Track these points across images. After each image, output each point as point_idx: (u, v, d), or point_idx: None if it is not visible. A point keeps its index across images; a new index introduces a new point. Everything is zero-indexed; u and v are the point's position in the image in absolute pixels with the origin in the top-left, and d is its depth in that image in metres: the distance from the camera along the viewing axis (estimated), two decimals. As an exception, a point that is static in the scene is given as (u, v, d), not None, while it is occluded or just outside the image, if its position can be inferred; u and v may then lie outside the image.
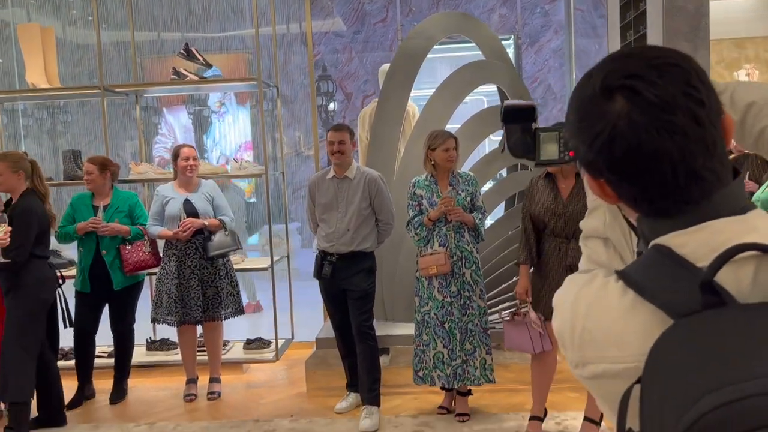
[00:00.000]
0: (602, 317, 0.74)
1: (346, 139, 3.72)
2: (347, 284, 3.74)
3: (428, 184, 3.66)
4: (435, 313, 3.61)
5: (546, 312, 3.27)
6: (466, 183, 3.67)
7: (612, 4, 4.04)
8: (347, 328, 3.82)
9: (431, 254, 3.58)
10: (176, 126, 11.19)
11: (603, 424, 3.43)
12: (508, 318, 3.43)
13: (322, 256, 3.81)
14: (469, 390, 3.76)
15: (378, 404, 3.75)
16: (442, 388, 3.79)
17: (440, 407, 3.81)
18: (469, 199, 3.63)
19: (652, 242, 0.75)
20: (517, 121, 1.06)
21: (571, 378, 4.07)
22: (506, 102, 1.09)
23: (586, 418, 3.42)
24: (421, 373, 3.69)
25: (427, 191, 3.65)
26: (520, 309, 3.38)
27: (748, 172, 5.11)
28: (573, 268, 3.15)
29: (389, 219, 3.84)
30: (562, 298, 0.82)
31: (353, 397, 3.94)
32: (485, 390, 3.97)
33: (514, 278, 4.28)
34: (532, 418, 3.45)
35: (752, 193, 4.82)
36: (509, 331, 3.40)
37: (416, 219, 3.66)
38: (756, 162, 5.15)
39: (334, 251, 3.75)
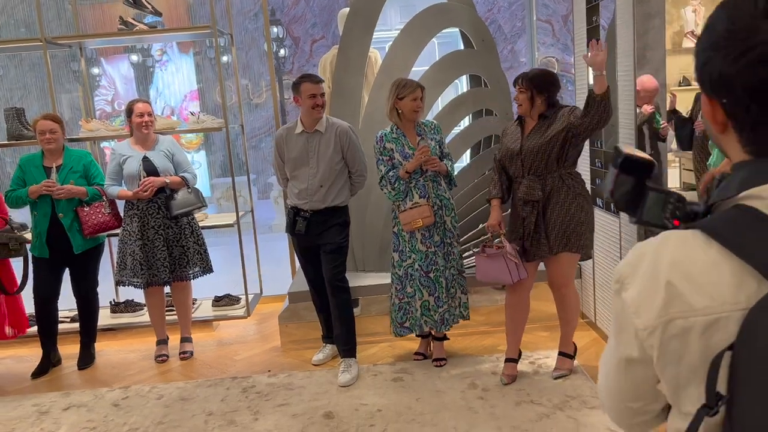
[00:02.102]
0: (689, 270, 0.73)
1: (326, 91, 3.64)
2: (321, 239, 3.70)
3: (396, 137, 3.59)
4: (419, 265, 3.58)
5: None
6: (433, 131, 3.63)
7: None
8: (321, 283, 3.80)
9: (413, 207, 3.52)
10: (117, 77, 10.65)
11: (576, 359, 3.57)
12: (479, 251, 3.42)
13: (295, 212, 3.72)
14: (445, 335, 3.82)
15: (354, 356, 3.78)
16: (421, 335, 3.83)
17: (416, 353, 3.87)
18: (438, 147, 3.60)
19: (743, 194, 0.73)
20: (634, 173, 0.99)
21: (542, 317, 4.20)
22: (626, 150, 1.00)
23: (560, 353, 3.54)
24: (407, 324, 3.68)
25: (397, 144, 3.58)
26: (493, 241, 3.38)
27: (701, 112, 5.26)
28: (527, 203, 3.22)
29: (362, 170, 3.77)
30: (633, 265, 0.79)
31: (329, 349, 3.96)
32: (459, 334, 4.06)
33: (480, 225, 4.32)
34: (507, 360, 3.53)
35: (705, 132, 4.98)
36: (483, 265, 3.37)
37: (391, 173, 3.57)
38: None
39: (308, 208, 3.67)
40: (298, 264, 4.26)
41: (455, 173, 3.93)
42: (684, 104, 5.60)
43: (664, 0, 5.24)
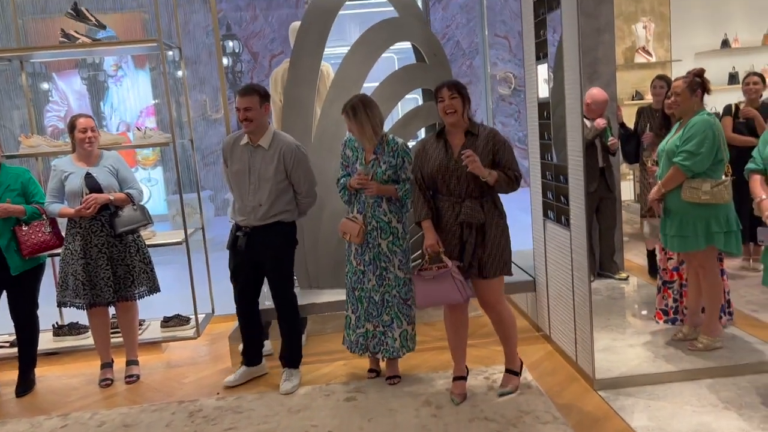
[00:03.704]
0: None
1: (254, 105, 3.47)
2: (263, 256, 3.62)
3: (356, 146, 3.55)
4: (350, 278, 3.59)
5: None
6: (392, 154, 3.48)
7: (524, -42, 4.00)
8: (250, 299, 3.75)
9: (350, 220, 3.51)
10: (69, 92, 10.40)
11: (522, 374, 3.53)
12: (428, 276, 3.20)
13: (237, 227, 3.66)
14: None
15: (297, 367, 3.78)
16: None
17: (370, 370, 3.79)
18: (390, 171, 3.47)
19: None
20: None
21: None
22: None
23: (507, 370, 3.50)
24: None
25: (354, 154, 3.55)
26: (429, 264, 3.22)
27: (648, 124, 5.35)
28: (466, 226, 3.16)
29: (309, 192, 3.66)
30: None
31: (244, 371, 3.81)
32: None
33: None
34: (456, 379, 3.44)
35: (649, 145, 5.05)
36: (426, 288, 3.20)
37: (342, 180, 3.57)
38: (652, 114, 5.39)
39: (247, 224, 3.58)
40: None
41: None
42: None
43: (614, 16, 5.32)
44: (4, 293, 3.91)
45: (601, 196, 5.03)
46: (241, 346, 3.91)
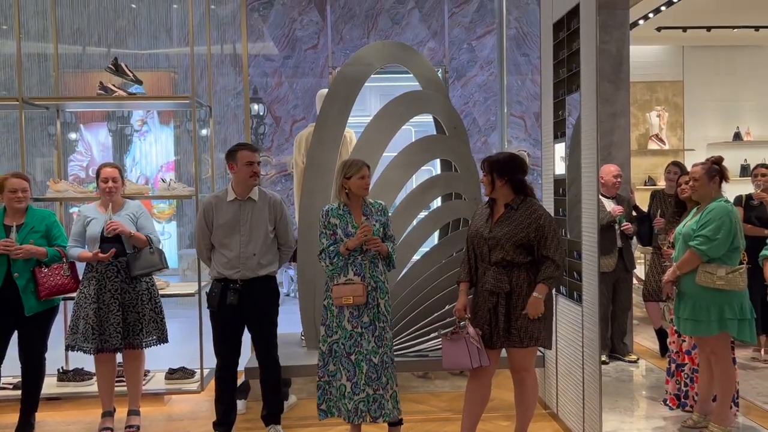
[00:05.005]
0: None
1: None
2: (256, 310, 3.69)
3: (342, 214, 3.58)
4: (342, 343, 3.50)
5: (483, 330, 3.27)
6: (379, 213, 3.63)
7: (545, 43, 4.19)
8: (235, 362, 3.77)
9: (346, 283, 3.48)
10: (94, 144, 10.69)
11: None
12: (448, 337, 3.33)
13: (224, 285, 3.65)
14: (400, 420, 3.68)
15: (280, 422, 3.82)
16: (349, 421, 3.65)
17: None
18: (382, 229, 3.58)
19: None
20: None
21: (503, 406, 4.12)
22: None
23: None
24: (324, 406, 3.56)
25: (342, 221, 3.56)
26: (459, 326, 3.32)
27: (659, 210, 5.43)
28: (493, 294, 3.19)
29: (292, 243, 3.88)
30: None
31: None
32: (418, 420, 3.95)
33: (447, 306, 4.30)
34: None
35: (661, 229, 5.11)
36: (448, 349, 3.31)
37: (332, 248, 3.54)
38: (665, 199, 5.48)
39: (239, 277, 3.64)
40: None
41: (422, 254, 3.92)
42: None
43: (629, 101, 5.50)
44: (14, 334, 3.92)
45: (618, 276, 5.08)
46: (216, 418, 3.83)
